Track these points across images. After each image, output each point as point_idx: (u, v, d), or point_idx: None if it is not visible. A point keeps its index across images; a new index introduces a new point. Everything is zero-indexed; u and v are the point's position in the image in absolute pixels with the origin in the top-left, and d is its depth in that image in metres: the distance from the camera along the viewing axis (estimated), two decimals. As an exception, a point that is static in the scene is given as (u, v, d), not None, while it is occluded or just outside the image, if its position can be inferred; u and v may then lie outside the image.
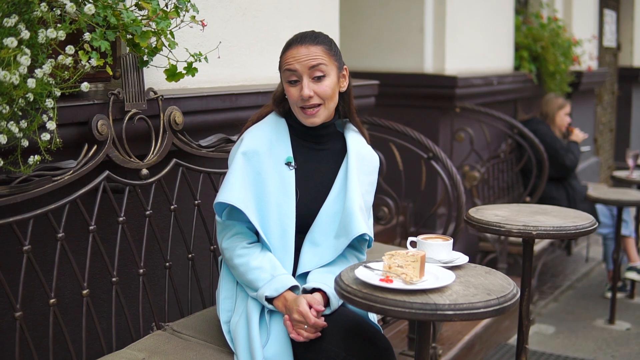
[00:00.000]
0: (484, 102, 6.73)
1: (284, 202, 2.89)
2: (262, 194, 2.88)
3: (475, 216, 3.60)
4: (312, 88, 2.88)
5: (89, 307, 2.87)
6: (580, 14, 9.36)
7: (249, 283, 2.83)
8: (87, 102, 2.90)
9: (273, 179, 2.90)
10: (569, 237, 3.47)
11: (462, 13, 6.49)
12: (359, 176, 2.98)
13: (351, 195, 2.90)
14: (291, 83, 2.90)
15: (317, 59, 2.87)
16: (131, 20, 2.76)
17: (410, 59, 6.32)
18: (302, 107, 2.91)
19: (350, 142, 3.04)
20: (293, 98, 2.91)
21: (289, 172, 2.93)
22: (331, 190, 2.98)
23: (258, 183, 2.88)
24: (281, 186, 2.90)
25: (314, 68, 2.87)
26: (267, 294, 2.77)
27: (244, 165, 2.88)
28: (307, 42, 2.90)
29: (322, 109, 2.93)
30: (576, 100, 8.93)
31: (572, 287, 7.26)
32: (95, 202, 2.91)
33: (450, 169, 4.54)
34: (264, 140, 2.94)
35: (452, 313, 2.33)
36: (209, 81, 3.66)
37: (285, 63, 2.92)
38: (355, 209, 2.87)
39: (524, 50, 7.64)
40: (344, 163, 3.02)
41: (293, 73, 2.88)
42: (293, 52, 2.90)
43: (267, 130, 2.98)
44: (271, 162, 2.91)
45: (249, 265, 2.82)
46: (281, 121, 3.02)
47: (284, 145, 2.97)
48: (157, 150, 3.18)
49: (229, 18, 3.77)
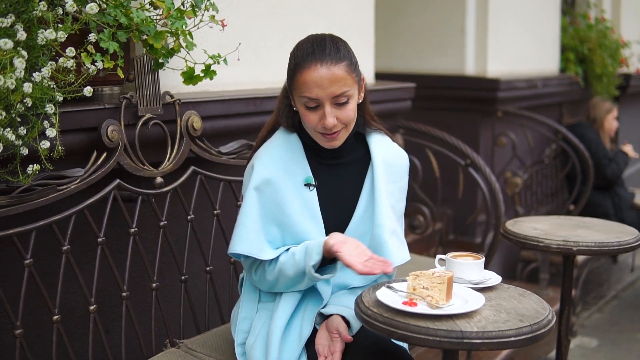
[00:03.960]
0: (528, 105, 6.52)
1: (312, 226, 2.66)
2: (286, 224, 2.65)
3: (512, 229, 3.40)
4: (335, 114, 2.57)
5: (96, 323, 2.72)
6: (629, 15, 9.11)
7: (296, 274, 2.58)
8: (97, 106, 2.74)
9: (295, 204, 2.65)
10: (611, 253, 3.27)
11: (505, 13, 6.28)
12: (388, 187, 2.74)
13: (380, 219, 2.66)
14: (310, 109, 2.60)
15: (342, 87, 2.53)
16: (142, 20, 2.60)
17: (450, 60, 6.12)
18: (321, 132, 2.62)
19: (374, 149, 2.77)
20: (311, 124, 2.60)
21: (311, 194, 2.68)
22: (356, 208, 2.73)
23: (279, 214, 2.64)
24: (305, 210, 2.66)
25: (338, 96, 2.55)
26: (313, 263, 2.53)
27: (258, 203, 2.63)
28: (329, 61, 2.52)
29: (344, 131, 2.64)
30: (624, 104, 8.67)
31: (617, 297, 7.06)
32: (105, 212, 2.75)
33: (489, 177, 4.36)
34: (276, 164, 2.67)
35: (479, 342, 2.14)
36: (234, 83, 3.50)
37: (303, 87, 2.54)
38: (386, 237, 2.64)
39: (570, 52, 7.41)
40: (368, 174, 2.77)
41: (313, 101, 2.56)
42: (312, 74, 2.51)
43: (278, 152, 2.70)
44: (289, 187, 2.66)
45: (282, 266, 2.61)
46: (292, 137, 2.73)
47: (300, 164, 2.70)
48: (173, 158, 3.01)
49: (256, 17, 3.61)
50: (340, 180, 2.75)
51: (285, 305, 2.66)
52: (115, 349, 2.86)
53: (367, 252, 2.48)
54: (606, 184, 6.70)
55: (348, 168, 2.77)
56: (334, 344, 2.56)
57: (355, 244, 2.51)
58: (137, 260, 2.92)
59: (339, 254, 2.47)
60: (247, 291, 2.79)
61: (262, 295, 2.77)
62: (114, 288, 2.89)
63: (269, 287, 2.70)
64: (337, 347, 2.55)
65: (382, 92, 4.34)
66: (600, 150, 6.69)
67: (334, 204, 2.71)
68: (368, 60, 4.48)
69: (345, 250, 2.47)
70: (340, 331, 2.55)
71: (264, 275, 2.67)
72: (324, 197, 2.70)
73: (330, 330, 2.57)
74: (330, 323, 2.58)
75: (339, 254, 2.47)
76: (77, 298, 2.83)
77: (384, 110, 4.24)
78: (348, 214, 2.72)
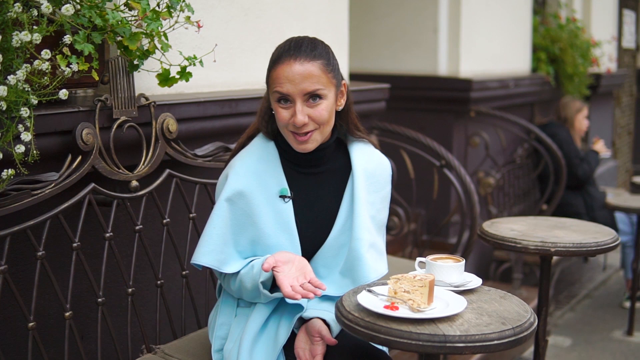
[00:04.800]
0: (500, 105, 6.52)
1: (285, 240, 2.62)
2: (257, 237, 2.61)
3: (489, 231, 3.39)
4: (307, 112, 2.52)
5: (72, 329, 2.67)
6: (600, 15, 9.15)
7: (253, 285, 2.55)
8: (71, 109, 2.69)
9: (268, 216, 2.60)
10: (589, 254, 3.26)
11: (478, 13, 6.28)
12: (368, 197, 2.69)
13: (358, 233, 2.62)
14: (281, 103, 2.55)
15: (314, 83, 2.50)
16: (117, 22, 2.56)
17: (423, 60, 6.10)
18: (293, 132, 2.57)
19: (355, 158, 2.72)
20: (283, 121, 2.56)
21: (286, 205, 2.63)
22: (336, 220, 2.68)
23: (250, 226, 2.60)
24: (279, 223, 2.62)
25: (310, 93, 2.52)
26: (262, 279, 2.51)
27: (229, 213, 2.59)
28: (303, 57, 2.50)
29: (317, 133, 2.58)
30: (594, 103, 8.70)
31: (589, 296, 7.09)
32: (80, 217, 2.70)
33: (464, 177, 4.35)
34: (250, 175, 2.62)
35: (462, 345, 2.12)
36: (208, 85, 3.46)
37: (275, 82, 2.52)
38: (363, 251, 2.60)
39: (542, 52, 7.43)
40: (348, 183, 2.71)
41: (284, 95, 2.53)
42: (285, 69, 2.50)
43: (253, 162, 2.64)
44: (262, 199, 2.61)
45: (241, 277, 2.58)
46: (269, 145, 2.68)
47: (275, 175, 2.65)
48: (149, 161, 2.97)
49: (230, 19, 3.57)
50: (319, 190, 2.70)
51: (260, 310, 2.63)
52: (91, 354, 2.82)
53: (308, 275, 2.47)
54: (578, 183, 6.71)
55: (327, 178, 2.72)
56: (315, 348, 2.52)
57: (301, 265, 2.50)
58: (112, 265, 2.88)
59: (276, 273, 2.45)
60: (225, 297, 2.75)
61: (240, 300, 2.73)
62: (88, 293, 2.84)
63: (237, 295, 2.68)
64: (319, 350, 2.52)
65: (356, 93, 4.30)
66: (572, 150, 6.70)
67: (312, 216, 2.67)
68: (342, 61, 4.45)
69: (282, 270, 2.45)
70: (323, 334, 2.51)
71: (229, 284, 2.65)
72: (301, 209, 2.66)
73: (311, 334, 2.53)
74: (311, 326, 2.54)
75: (276, 274, 2.45)
76: (51, 304, 2.78)
77: (358, 111, 4.19)
78: (327, 226, 2.68)
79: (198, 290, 3.24)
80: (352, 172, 2.71)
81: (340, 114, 2.70)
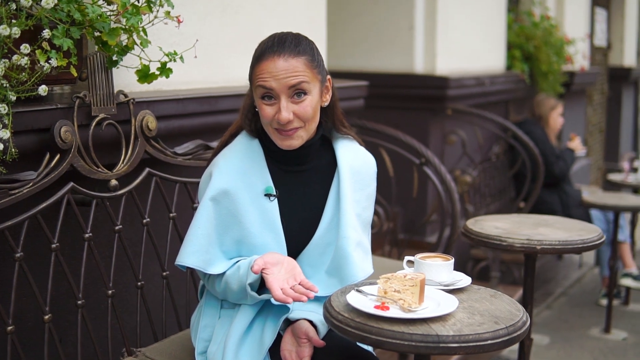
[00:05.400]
0: (476, 103, 6.49)
1: (270, 239, 2.56)
2: (243, 237, 2.55)
3: (474, 229, 3.36)
4: (292, 109, 2.48)
5: (52, 333, 2.60)
6: (573, 12, 9.16)
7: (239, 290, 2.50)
8: (49, 106, 2.61)
9: (253, 216, 2.55)
10: (574, 251, 3.25)
11: (453, 10, 6.25)
12: (354, 195, 2.65)
13: (345, 231, 2.58)
14: (265, 99, 2.51)
15: (299, 77, 2.46)
16: (97, 16, 2.49)
17: (399, 58, 6.05)
18: (277, 129, 2.52)
19: (340, 155, 2.68)
20: (267, 118, 2.50)
21: (271, 204, 2.58)
22: (322, 218, 2.64)
23: (235, 226, 2.55)
24: (264, 223, 2.57)
25: (294, 87, 2.47)
26: (250, 281, 2.45)
27: (213, 214, 2.54)
28: (286, 53, 2.46)
29: (302, 130, 2.53)
30: (567, 101, 8.71)
31: (565, 293, 7.10)
32: (59, 217, 2.63)
33: (444, 175, 4.31)
34: (234, 174, 2.57)
35: (456, 346, 2.08)
36: (186, 82, 3.39)
37: (258, 78, 2.48)
38: (350, 249, 2.56)
39: (516, 50, 7.41)
40: (334, 181, 2.67)
41: (268, 91, 2.48)
42: (269, 65, 2.45)
43: (237, 161, 2.60)
44: (247, 198, 2.56)
45: (227, 278, 2.53)
46: (254, 143, 2.63)
47: (260, 173, 2.60)
48: (128, 159, 2.90)
49: (208, 14, 3.50)
50: (304, 188, 2.66)
51: (244, 312, 2.57)
52: (70, 358, 2.75)
53: (298, 277, 2.42)
54: (554, 181, 6.71)
55: (313, 175, 2.68)
56: (302, 350, 2.47)
57: (290, 266, 2.45)
58: (92, 266, 2.81)
59: (265, 275, 2.40)
60: (209, 298, 2.69)
61: (224, 302, 2.67)
62: (67, 295, 2.77)
63: (222, 297, 2.62)
64: (306, 352, 2.46)
65: (334, 91, 4.26)
66: (547, 147, 6.69)
67: (297, 214, 2.62)
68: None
69: (271, 273, 2.41)
70: (311, 336, 2.46)
71: (214, 285, 2.59)
72: (287, 207, 2.61)
73: (298, 336, 2.48)
74: (298, 328, 2.49)
75: (265, 276, 2.40)
76: (29, 307, 2.71)
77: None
78: (312, 224, 2.64)
79: (178, 291, 3.17)
80: (337, 169, 2.67)
81: (325, 110, 2.66)
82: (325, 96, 2.62)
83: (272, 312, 2.57)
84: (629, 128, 13.15)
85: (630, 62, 12.63)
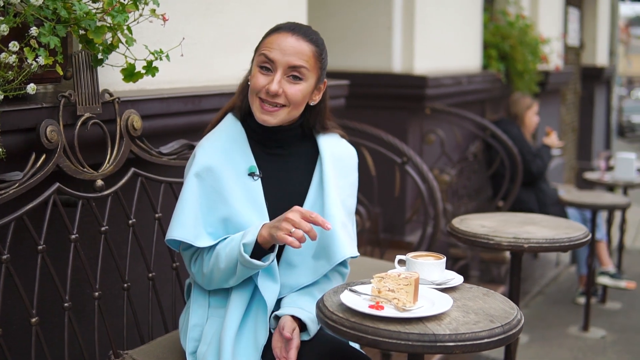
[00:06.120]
0: (453, 102, 6.48)
1: (255, 217, 2.55)
2: (228, 214, 2.54)
3: (460, 227, 3.35)
4: (283, 86, 2.52)
5: (39, 336, 2.55)
6: (547, 12, 9.19)
7: (228, 264, 2.47)
8: (34, 105, 2.57)
9: (237, 193, 2.55)
10: (562, 249, 3.25)
11: (431, 9, 6.23)
12: (337, 181, 2.67)
13: (330, 210, 2.58)
14: (262, 69, 2.54)
15: (302, 60, 2.53)
16: (84, 13, 2.44)
17: (377, 57, 6.02)
18: (261, 99, 2.55)
19: (322, 142, 2.71)
20: (257, 85, 2.53)
21: (255, 183, 2.59)
22: (306, 200, 2.65)
23: (220, 203, 2.54)
24: (248, 200, 2.56)
25: (294, 69, 2.53)
26: (245, 240, 2.43)
27: (198, 189, 2.54)
28: (300, 35, 2.55)
29: (283, 111, 2.56)
30: (542, 100, 8.74)
31: (542, 292, 7.14)
32: (45, 218, 2.58)
33: (426, 174, 4.30)
34: (217, 152, 2.58)
35: (453, 345, 2.07)
36: (169, 82, 3.34)
37: (264, 46, 2.55)
38: (337, 228, 2.56)
39: (492, 49, 7.42)
40: (317, 167, 2.69)
41: (269, 61, 2.53)
42: (280, 38, 2.53)
43: (221, 140, 2.61)
44: (232, 175, 2.56)
45: (217, 253, 2.51)
46: (237, 125, 2.65)
47: (243, 153, 2.61)
48: (114, 159, 2.86)
49: (191, 13, 3.46)
50: (287, 172, 2.68)
51: (233, 311, 2.55)
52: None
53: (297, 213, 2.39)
54: (531, 179, 6.73)
55: (295, 160, 2.70)
56: (289, 343, 2.46)
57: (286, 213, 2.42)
58: (77, 268, 2.76)
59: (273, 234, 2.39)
60: (196, 297, 2.66)
61: (211, 300, 2.65)
62: (53, 297, 2.71)
63: (207, 280, 2.58)
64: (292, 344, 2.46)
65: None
66: (525, 146, 6.71)
67: (280, 196, 2.63)
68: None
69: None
70: (283, 331, 2.46)
71: (201, 267, 2.57)
72: (270, 188, 2.62)
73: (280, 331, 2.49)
74: (280, 324, 2.50)
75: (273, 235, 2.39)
76: (14, 310, 2.65)
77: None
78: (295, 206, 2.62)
79: (163, 293, 3.13)
80: (319, 155, 2.70)
81: (312, 110, 2.69)
82: (315, 95, 2.66)
83: (260, 310, 2.56)
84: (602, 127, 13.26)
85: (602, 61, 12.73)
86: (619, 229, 7.26)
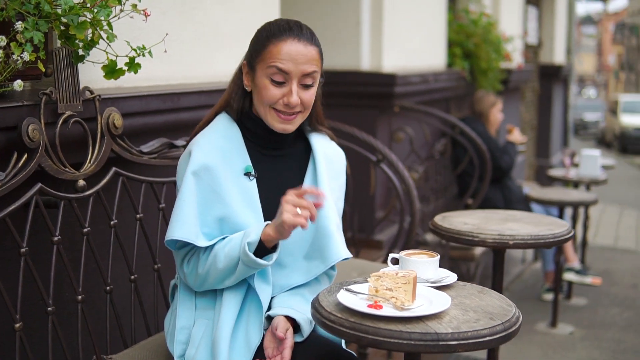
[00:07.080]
0: (420, 100, 6.45)
1: (251, 217, 2.51)
2: (225, 214, 2.50)
3: (443, 225, 3.33)
4: (299, 95, 2.51)
5: (23, 341, 2.46)
6: (508, 10, 9.22)
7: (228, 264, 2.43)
8: (15, 103, 2.49)
9: (233, 192, 2.51)
10: (546, 245, 3.24)
11: (398, 7, 6.19)
12: (330, 182, 2.65)
13: (326, 210, 2.55)
14: (275, 83, 2.50)
15: (314, 65, 2.51)
16: (69, 8, 2.37)
17: (346, 55, 5.96)
18: (278, 110, 2.53)
19: (315, 143, 2.69)
20: (272, 98, 2.50)
21: (250, 183, 2.55)
22: None
23: (217, 202, 2.50)
24: (244, 201, 2.53)
25: (308, 76, 2.50)
26: (249, 240, 2.40)
27: (196, 187, 2.49)
28: (305, 40, 2.50)
29: (300, 117, 2.57)
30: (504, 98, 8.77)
31: (507, 289, 7.14)
32: (27, 220, 2.50)
33: (402, 172, 4.27)
34: (215, 152, 2.53)
35: (455, 343, 2.05)
36: (146, 79, 3.26)
37: (274, 57, 2.48)
38: (332, 229, 2.55)
39: (457, 47, 7.41)
40: (309, 168, 2.68)
41: (282, 74, 2.48)
42: (287, 46, 2.47)
43: (217, 140, 2.57)
44: (228, 175, 2.52)
45: (215, 253, 2.47)
46: (232, 126, 2.61)
47: (239, 154, 2.58)
48: (95, 158, 2.79)
49: (168, 9, 3.39)
50: (281, 172, 2.65)
51: (227, 312, 2.50)
52: (40, 366, 2.62)
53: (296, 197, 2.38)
54: (501, 175, 6.74)
55: (289, 161, 2.68)
56: (282, 342, 2.43)
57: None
58: (59, 271, 2.68)
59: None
60: (183, 299, 2.61)
61: (198, 302, 2.60)
62: (35, 300, 2.63)
63: (200, 281, 2.53)
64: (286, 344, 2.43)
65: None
66: (492, 142, 6.72)
67: (275, 196, 2.56)
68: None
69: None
70: (276, 331, 2.43)
71: (196, 267, 2.51)
72: (265, 188, 2.59)
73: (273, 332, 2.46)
74: (273, 324, 2.47)
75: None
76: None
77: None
78: None
79: (144, 295, 3.06)
80: (313, 155, 2.69)
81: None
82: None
83: (253, 311, 2.53)
84: (559, 125, 13.35)
85: (559, 59, 12.83)
86: (582, 226, 7.30)
